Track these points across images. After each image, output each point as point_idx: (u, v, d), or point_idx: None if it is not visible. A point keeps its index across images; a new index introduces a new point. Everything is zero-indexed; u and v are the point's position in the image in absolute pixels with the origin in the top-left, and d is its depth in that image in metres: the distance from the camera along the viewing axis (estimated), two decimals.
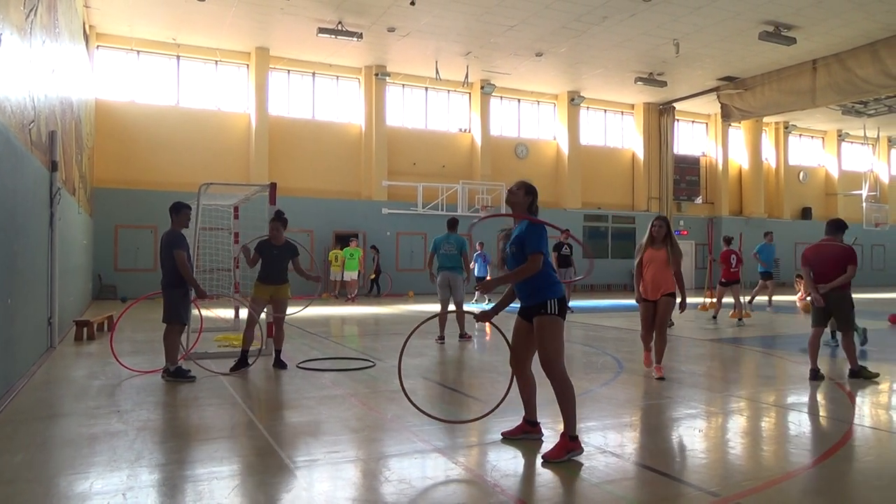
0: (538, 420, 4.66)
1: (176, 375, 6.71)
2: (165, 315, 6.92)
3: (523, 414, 4.69)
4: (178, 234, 6.96)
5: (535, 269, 4.29)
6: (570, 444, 4.20)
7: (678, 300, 7.03)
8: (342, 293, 21.29)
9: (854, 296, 7.01)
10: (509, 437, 4.61)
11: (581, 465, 4.11)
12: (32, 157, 7.29)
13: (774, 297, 17.50)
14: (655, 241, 7.10)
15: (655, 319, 7.02)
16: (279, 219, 7.50)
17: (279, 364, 7.39)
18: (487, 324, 4.97)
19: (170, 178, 20.56)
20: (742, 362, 8.56)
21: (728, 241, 14.16)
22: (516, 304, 4.64)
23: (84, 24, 17.06)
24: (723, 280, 13.73)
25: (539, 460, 4.18)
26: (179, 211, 7.11)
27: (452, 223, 10.62)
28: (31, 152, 7.18)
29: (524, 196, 4.53)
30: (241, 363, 7.25)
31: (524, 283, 4.39)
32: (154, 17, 18.65)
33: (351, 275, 19.41)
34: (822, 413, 5.73)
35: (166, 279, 6.92)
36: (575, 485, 3.85)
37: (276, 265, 7.40)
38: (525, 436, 4.59)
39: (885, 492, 3.82)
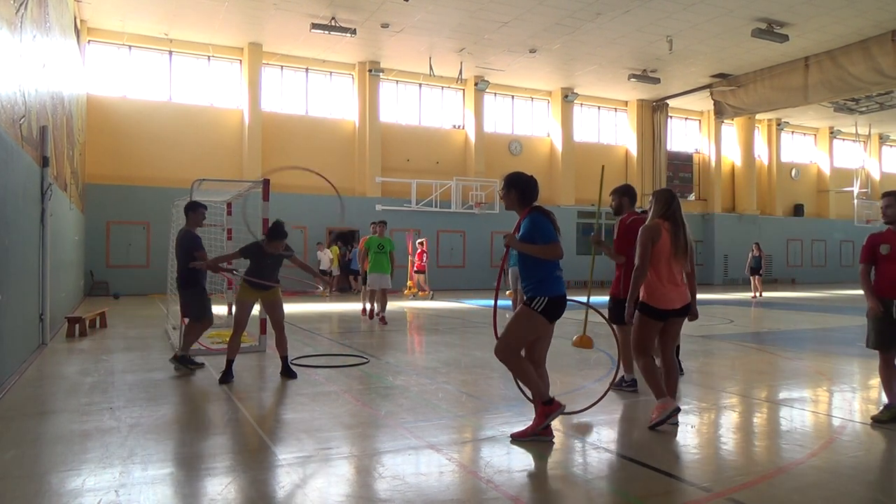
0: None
1: (181, 362, 6.93)
2: (183, 312, 7.26)
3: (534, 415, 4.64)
4: (191, 236, 7.20)
5: (553, 253, 4.33)
6: (546, 408, 4.39)
7: None
8: (341, 288, 21.00)
9: (843, 293, 7.04)
10: (518, 439, 4.50)
11: (574, 461, 4.12)
12: (23, 152, 7.24)
13: None
14: None
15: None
16: (281, 235, 6.68)
17: (288, 373, 6.71)
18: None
19: (162, 174, 20.48)
20: (733, 358, 8.60)
21: (421, 243, 19.78)
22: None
23: (75, 18, 16.94)
24: (416, 269, 19.62)
25: (532, 457, 4.19)
26: (196, 210, 7.34)
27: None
28: (21, 148, 7.13)
29: (509, 193, 4.58)
30: (228, 374, 6.52)
31: (528, 273, 4.43)
32: (146, 11, 18.54)
33: (383, 280, 11.86)
34: (813, 409, 5.76)
35: (179, 279, 7.20)
36: (568, 480, 3.86)
37: (271, 270, 6.75)
38: (535, 437, 4.49)
39: (874, 486, 3.85)
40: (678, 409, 4.84)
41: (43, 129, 8.63)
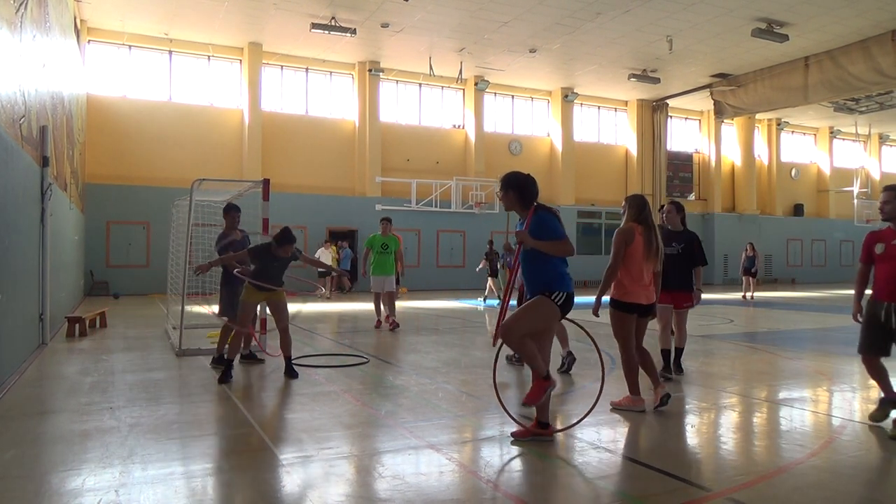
0: (549, 421, 4.55)
1: (217, 363, 7.22)
2: (219, 310, 7.66)
3: (535, 416, 4.60)
4: (219, 237, 7.69)
5: (565, 250, 4.34)
6: (543, 382, 4.36)
7: None
8: (339, 287, 20.85)
9: (843, 292, 7.00)
10: (519, 438, 4.49)
11: (574, 461, 4.12)
12: (23, 152, 7.24)
13: None
14: None
15: None
16: (291, 240, 6.61)
17: (290, 373, 6.70)
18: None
19: (162, 174, 20.49)
20: (733, 358, 8.60)
21: None
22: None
23: (75, 18, 16.94)
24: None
25: (532, 457, 4.19)
26: (227, 213, 7.80)
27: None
28: (21, 147, 7.13)
29: (507, 194, 4.53)
30: (228, 374, 6.49)
31: (537, 273, 4.41)
32: (146, 11, 18.55)
33: (386, 282, 11.22)
34: (813, 409, 5.76)
35: (221, 279, 7.64)
36: (568, 480, 3.86)
37: (276, 272, 6.73)
38: (535, 437, 4.48)
39: (874, 486, 3.85)
40: (643, 411, 5.30)
41: (43, 129, 8.63)
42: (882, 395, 5.02)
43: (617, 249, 5.25)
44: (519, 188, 4.50)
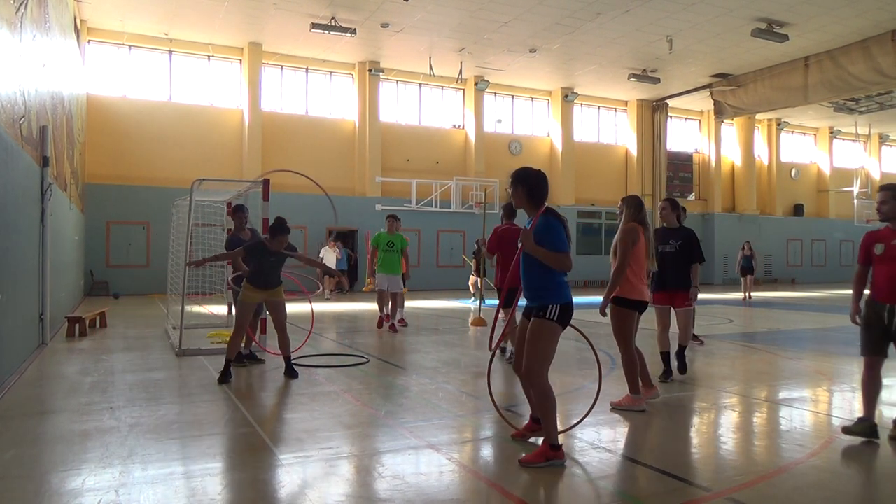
0: (559, 443, 4.40)
1: (238, 361, 7.22)
2: (231, 310, 8.05)
3: (530, 413, 4.60)
4: (230, 240, 7.90)
5: (562, 264, 4.07)
6: (550, 452, 3.99)
7: None
8: (339, 288, 20.68)
9: (843, 292, 6.98)
10: (517, 438, 4.49)
11: (574, 461, 4.12)
12: (23, 152, 7.24)
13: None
14: None
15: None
16: (284, 231, 6.64)
17: (290, 373, 6.70)
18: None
19: (162, 174, 20.49)
20: (733, 358, 8.60)
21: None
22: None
23: (75, 18, 16.94)
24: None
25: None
26: (235, 213, 7.97)
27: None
28: (21, 147, 7.13)
29: (517, 190, 4.28)
30: (227, 374, 6.50)
31: (533, 278, 4.19)
32: (146, 11, 18.55)
33: (392, 282, 10.86)
34: (813, 409, 5.76)
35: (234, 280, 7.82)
36: (568, 480, 3.86)
37: (273, 270, 6.73)
38: (534, 435, 4.46)
39: (874, 486, 3.85)
40: (643, 411, 5.33)
41: (43, 129, 8.63)
42: (862, 413, 4.68)
43: (625, 249, 5.34)
44: (529, 184, 4.25)
